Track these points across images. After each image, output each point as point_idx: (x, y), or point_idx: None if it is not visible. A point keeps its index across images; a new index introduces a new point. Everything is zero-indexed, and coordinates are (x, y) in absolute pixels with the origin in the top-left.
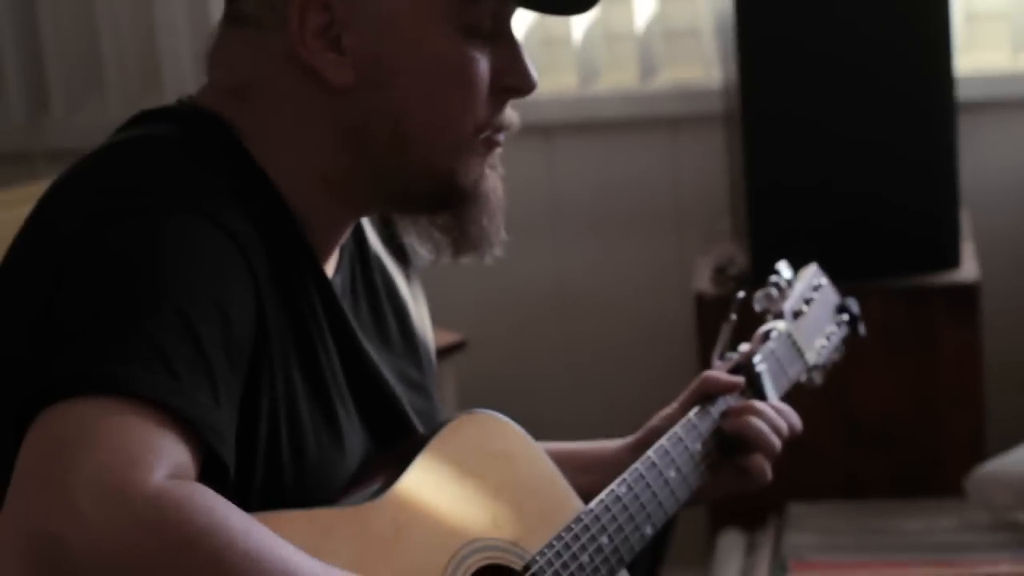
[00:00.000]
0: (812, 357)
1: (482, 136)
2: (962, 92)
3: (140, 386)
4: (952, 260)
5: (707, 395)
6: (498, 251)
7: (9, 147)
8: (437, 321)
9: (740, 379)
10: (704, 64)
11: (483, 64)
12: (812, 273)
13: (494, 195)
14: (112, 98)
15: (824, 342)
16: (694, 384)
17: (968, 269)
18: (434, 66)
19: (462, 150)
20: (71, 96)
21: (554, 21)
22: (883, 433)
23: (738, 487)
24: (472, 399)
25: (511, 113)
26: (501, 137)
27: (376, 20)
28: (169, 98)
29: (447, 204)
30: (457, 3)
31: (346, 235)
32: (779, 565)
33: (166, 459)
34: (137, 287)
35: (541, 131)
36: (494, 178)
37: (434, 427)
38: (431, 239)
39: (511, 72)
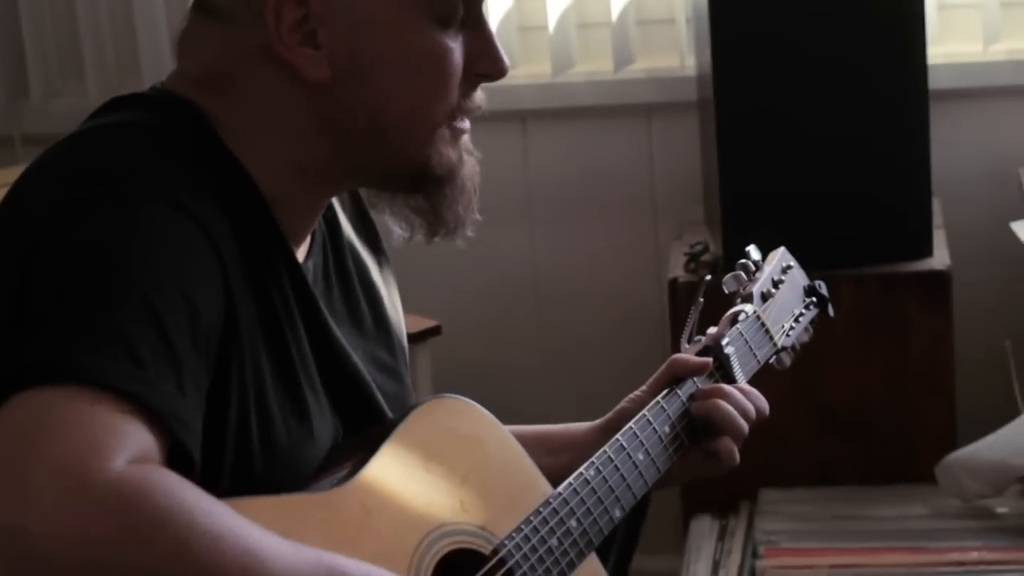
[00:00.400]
0: (781, 339)
1: (452, 121)
2: (934, 81)
3: (104, 375)
4: (924, 248)
5: (676, 378)
6: (470, 233)
7: None
8: (412, 307)
9: (708, 360)
10: (678, 52)
11: (457, 53)
12: (780, 255)
13: (471, 181)
14: (91, 84)
15: (793, 324)
16: (663, 367)
17: (940, 257)
18: (410, 58)
19: (434, 136)
20: (50, 81)
21: (529, 8)
22: (855, 420)
23: (706, 470)
24: (447, 385)
25: (479, 95)
26: (467, 122)
27: (351, 14)
28: (148, 84)
29: (421, 188)
30: None
31: (318, 217)
32: (752, 551)
33: (129, 445)
34: (102, 276)
35: (516, 118)
36: (472, 163)
37: (402, 412)
38: (405, 218)
39: (484, 58)
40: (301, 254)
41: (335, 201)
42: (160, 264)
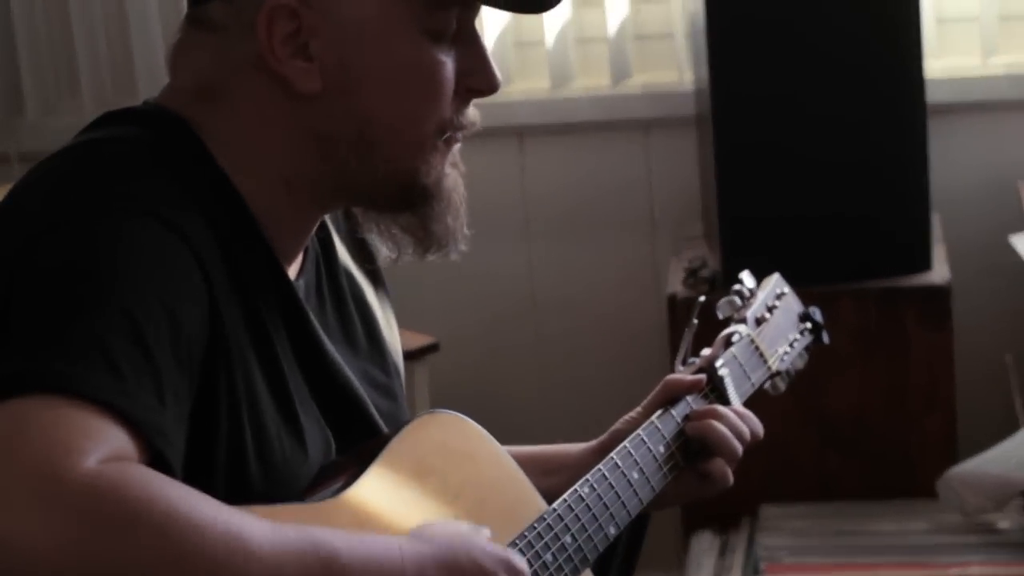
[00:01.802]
0: (775, 363)
1: (444, 136)
2: (932, 95)
3: (83, 386)
4: (923, 263)
5: (671, 398)
6: (463, 247)
7: None
8: (409, 324)
9: (701, 377)
10: (676, 67)
11: (449, 67)
12: (775, 282)
13: (456, 193)
14: (87, 100)
15: (787, 349)
16: (658, 388)
17: (939, 272)
18: (401, 72)
19: (425, 150)
20: (46, 98)
21: (526, 24)
22: (855, 435)
23: (700, 491)
24: (444, 401)
25: (473, 112)
26: (460, 136)
27: (343, 27)
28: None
29: (410, 204)
30: (423, 8)
31: (310, 235)
32: (752, 567)
33: (103, 444)
34: (83, 288)
35: (514, 133)
36: (455, 176)
37: (396, 427)
38: (391, 237)
39: (476, 73)
40: (293, 271)
41: (329, 223)
42: (142, 277)
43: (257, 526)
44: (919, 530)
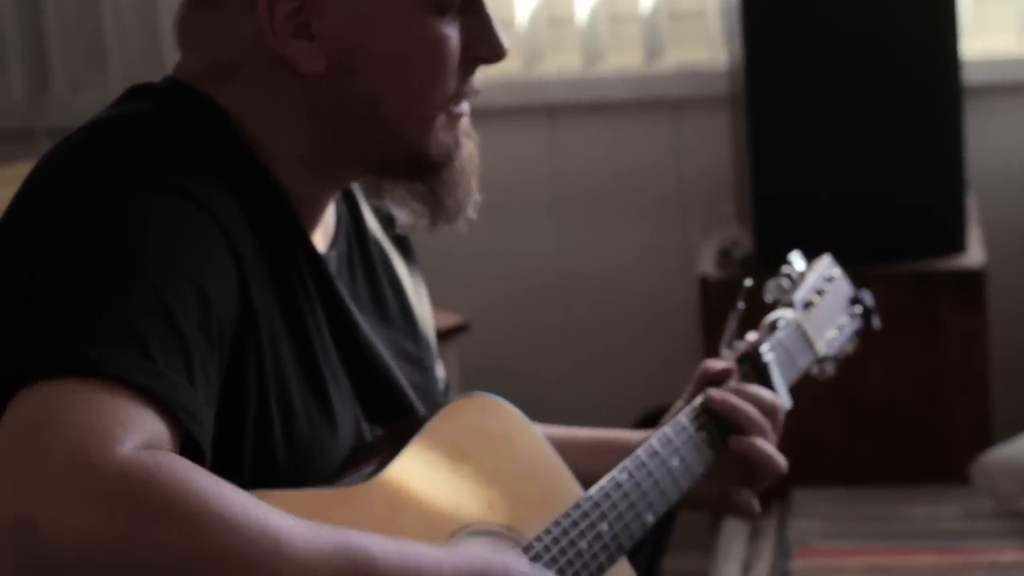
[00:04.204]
0: (823, 348)
1: (451, 106)
2: (969, 76)
3: (112, 366)
4: (958, 245)
5: (710, 383)
6: (471, 214)
7: (11, 124)
8: (439, 303)
9: (730, 366)
10: (710, 46)
11: (453, 41)
12: (825, 264)
13: (469, 163)
14: (113, 76)
15: (836, 333)
16: (695, 374)
17: (974, 254)
18: (407, 47)
19: (433, 122)
20: (72, 74)
21: (559, 1)
22: (888, 419)
23: (748, 481)
24: (474, 381)
25: (477, 78)
26: (466, 105)
27: (346, 4)
28: None
29: (420, 174)
30: None
31: (330, 205)
32: (783, 551)
33: (137, 432)
34: (112, 268)
35: (545, 112)
36: (469, 146)
37: (431, 409)
38: (407, 206)
39: (481, 43)
40: (324, 244)
41: (359, 196)
42: (171, 255)
43: (292, 525)
44: (951, 515)
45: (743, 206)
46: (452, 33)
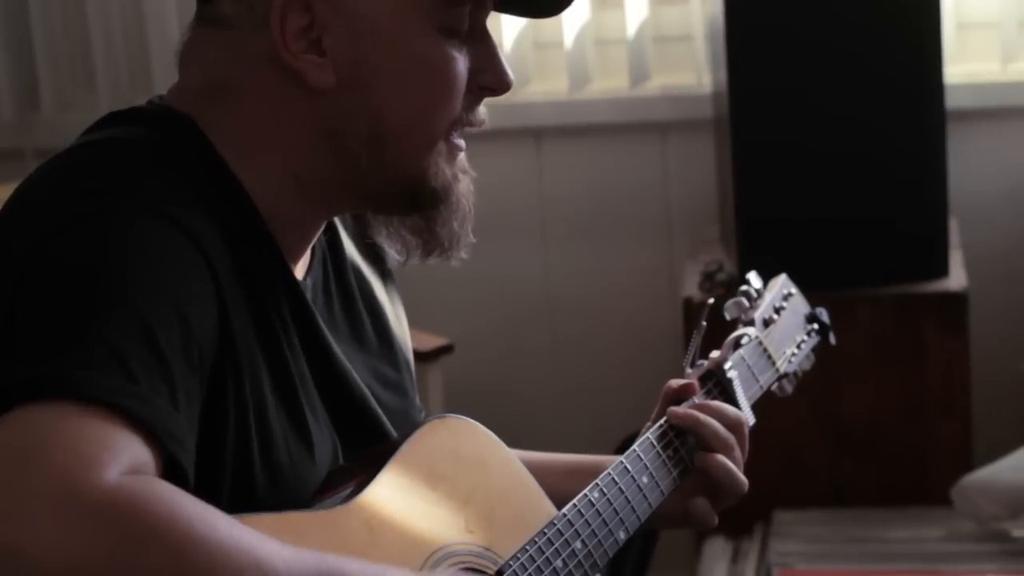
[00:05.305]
0: (783, 365)
1: (453, 134)
2: (952, 101)
3: (97, 390)
4: (940, 269)
5: (674, 402)
6: (464, 254)
7: (0, 144)
8: (424, 325)
9: (692, 382)
10: (695, 69)
11: (461, 64)
12: (782, 283)
13: (466, 199)
14: (102, 97)
15: (795, 350)
16: (661, 394)
17: (956, 278)
18: (414, 67)
19: (434, 147)
20: (61, 94)
21: (545, 25)
22: (870, 441)
23: (713, 496)
24: (458, 403)
25: (482, 110)
26: (463, 142)
27: (357, 21)
28: None
29: (418, 205)
30: (437, 4)
31: (317, 235)
32: (765, 573)
33: (122, 457)
34: (94, 291)
35: (531, 135)
36: (467, 182)
37: (405, 432)
38: (401, 240)
39: (487, 71)
40: (300, 271)
41: (337, 221)
42: (152, 278)
43: (277, 550)
44: (933, 537)
45: (727, 229)
46: (459, 57)
